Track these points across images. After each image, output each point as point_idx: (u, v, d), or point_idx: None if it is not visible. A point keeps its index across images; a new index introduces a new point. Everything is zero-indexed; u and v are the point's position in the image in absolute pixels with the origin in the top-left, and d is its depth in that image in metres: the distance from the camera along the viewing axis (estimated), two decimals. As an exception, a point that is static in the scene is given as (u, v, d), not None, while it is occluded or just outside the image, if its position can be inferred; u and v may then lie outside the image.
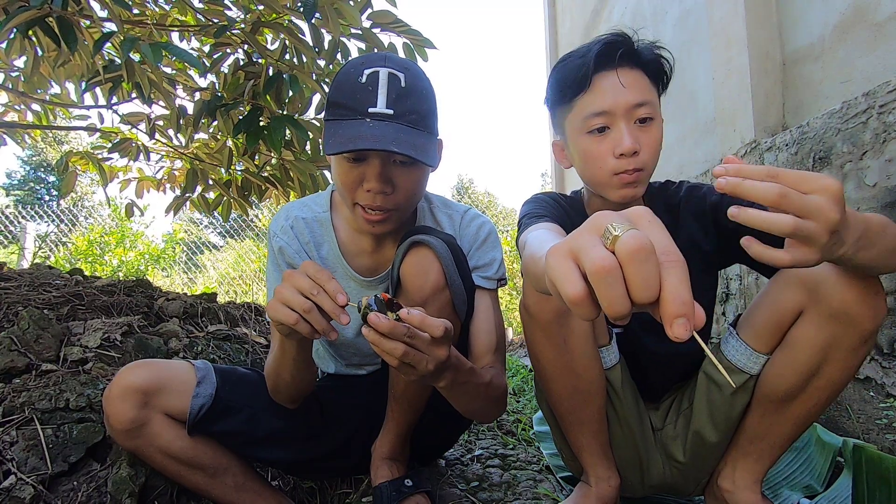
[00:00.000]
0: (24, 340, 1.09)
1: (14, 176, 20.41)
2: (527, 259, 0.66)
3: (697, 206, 0.99)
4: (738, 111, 2.07)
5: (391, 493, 0.98)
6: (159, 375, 0.87)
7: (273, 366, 0.92)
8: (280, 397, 0.96)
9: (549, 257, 0.40)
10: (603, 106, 0.90)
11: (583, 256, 0.37)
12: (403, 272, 0.87)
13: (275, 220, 1.06)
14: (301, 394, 0.97)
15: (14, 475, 0.83)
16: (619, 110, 0.90)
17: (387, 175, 0.87)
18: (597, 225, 0.39)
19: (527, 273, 0.67)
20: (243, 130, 1.72)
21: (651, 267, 0.34)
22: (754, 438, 0.92)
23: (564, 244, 0.40)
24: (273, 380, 0.94)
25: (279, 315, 0.71)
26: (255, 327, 1.81)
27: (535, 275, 0.58)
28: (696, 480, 1.02)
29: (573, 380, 0.91)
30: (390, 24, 1.75)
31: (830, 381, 0.83)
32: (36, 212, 6.70)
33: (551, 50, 5.84)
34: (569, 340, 0.88)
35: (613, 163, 0.91)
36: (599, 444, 0.98)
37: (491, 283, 1.01)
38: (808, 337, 0.81)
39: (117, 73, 1.61)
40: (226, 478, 0.93)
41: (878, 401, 1.44)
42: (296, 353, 0.85)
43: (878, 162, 1.40)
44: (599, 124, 0.91)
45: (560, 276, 0.38)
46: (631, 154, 0.90)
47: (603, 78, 0.91)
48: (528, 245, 0.69)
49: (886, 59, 1.51)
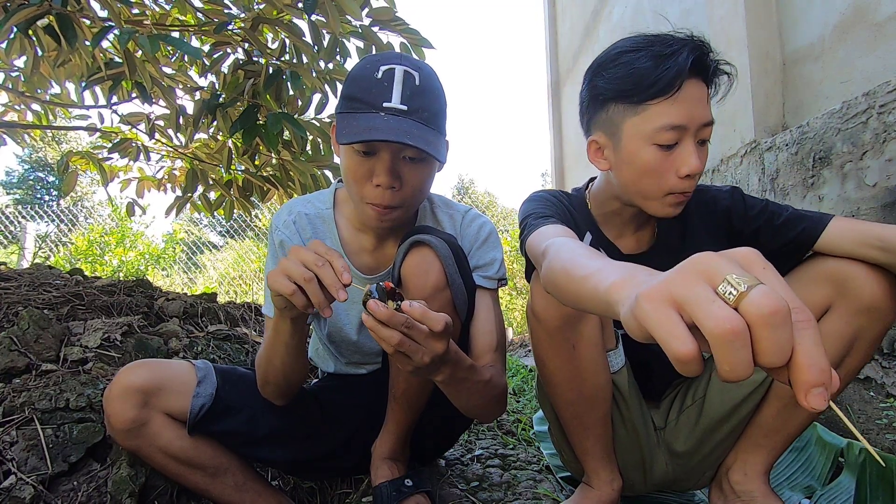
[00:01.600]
0: (24, 340, 1.09)
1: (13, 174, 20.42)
2: (558, 273, 0.60)
3: (707, 209, 0.98)
4: (738, 111, 2.07)
5: (391, 493, 0.98)
6: (159, 375, 0.87)
7: (264, 352, 0.91)
8: (269, 390, 0.95)
9: (643, 302, 0.36)
10: (682, 119, 0.82)
11: (698, 312, 0.33)
12: (404, 271, 0.87)
13: (277, 214, 1.06)
14: (290, 387, 0.95)
15: (14, 475, 0.83)
16: (693, 126, 0.83)
17: (396, 170, 0.87)
18: (705, 271, 0.34)
19: (558, 287, 0.61)
20: (240, 128, 1.72)
21: (787, 331, 0.31)
22: (770, 432, 0.92)
23: (663, 289, 0.35)
24: (263, 368, 0.92)
25: (277, 284, 0.71)
26: (255, 327, 1.81)
27: (579, 294, 0.53)
28: (699, 474, 1.02)
29: (580, 385, 0.90)
30: (389, 21, 1.75)
31: (849, 370, 0.85)
32: (36, 212, 6.70)
33: (551, 50, 5.84)
34: (578, 346, 0.87)
35: (674, 182, 0.85)
36: (603, 448, 0.97)
37: (491, 282, 1.01)
38: (836, 330, 0.82)
39: (118, 69, 1.61)
40: (226, 477, 0.93)
41: (878, 401, 1.44)
42: (289, 337, 0.84)
43: (878, 162, 1.40)
44: (673, 139, 0.83)
45: (664, 331, 0.34)
46: (695, 176, 0.85)
47: (691, 87, 0.82)
48: (554, 255, 0.65)
49: (886, 59, 1.51)
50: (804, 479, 1.16)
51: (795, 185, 1.73)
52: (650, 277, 0.40)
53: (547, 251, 0.69)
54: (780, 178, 1.81)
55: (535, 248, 0.79)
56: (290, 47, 1.87)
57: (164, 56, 2.14)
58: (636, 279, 0.43)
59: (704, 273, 0.34)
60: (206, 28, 1.80)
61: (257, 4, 1.79)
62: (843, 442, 1.17)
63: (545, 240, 0.75)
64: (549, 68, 5.84)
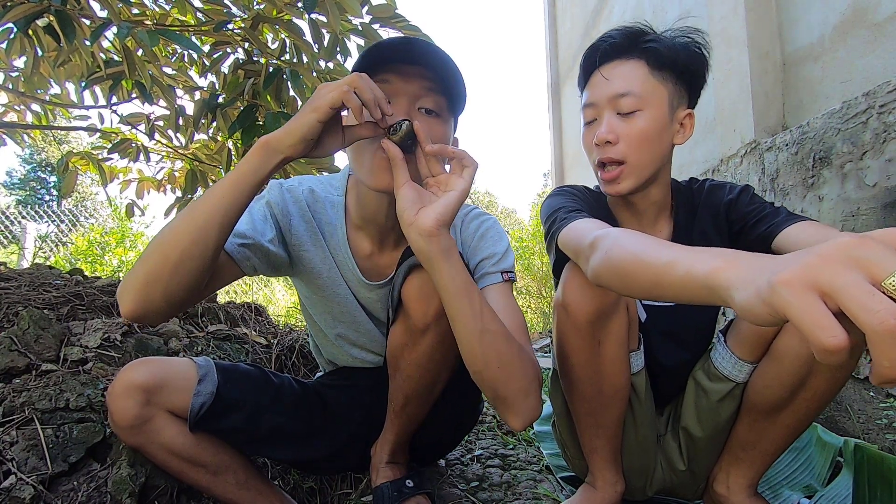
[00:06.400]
0: (24, 340, 1.09)
1: (14, 174, 20.42)
2: (627, 261, 0.59)
3: (715, 204, 0.98)
4: (738, 111, 2.07)
5: (392, 494, 0.98)
6: (162, 373, 0.87)
7: (198, 202, 0.73)
8: (162, 267, 0.71)
9: (781, 288, 0.34)
10: (590, 98, 0.93)
11: (853, 304, 0.31)
12: (406, 295, 0.85)
13: (286, 180, 1.01)
14: (174, 282, 0.71)
15: (14, 475, 0.83)
16: (602, 101, 0.91)
17: (411, 115, 0.82)
18: (856, 257, 0.33)
19: (626, 276, 0.60)
20: (239, 128, 1.72)
21: None
22: (745, 446, 0.92)
23: (805, 276, 0.34)
24: (181, 226, 0.71)
25: (328, 89, 0.71)
26: (255, 327, 1.81)
27: (659, 282, 0.53)
28: (694, 485, 1.02)
29: (600, 383, 0.89)
30: (390, 18, 1.75)
31: (817, 392, 0.81)
32: (36, 212, 6.71)
33: (551, 50, 5.84)
34: (604, 343, 0.86)
35: (595, 152, 0.92)
36: (612, 449, 0.97)
37: (494, 276, 0.94)
38: (792, 349, 0.80)
39: (118, 68, 1.61)
40: (227, 475, 0.93)
41: (878, 401, 1.44)
42: (262, 180, 0.73)
43: (878, 162, 1.40)
44: (589, 117, 0.94)
45: (809, 320, 0.32)
46: (603, 143, 0.90)
47: (597, 71, 0.93)
48: (614, 245, 0.64)
49: (886, 59, 1.51)
50: (804, 479, 1.16)
51: (795, 185, 1.72)
52: (773, 263, 0.39)
53: (599, 242, 0.68)
54: (780, 179, 1.81)
55: (573, 241, 0.78)
56: (290, 46, 1.87)
57: (164, 56, 2.14)
58: (749, 263, 0.41)
59: (856, 260, 0.33)
60: (206, 28, 1.80)
61: (257, 4, 1.79)
62: (842, 441, 1.17)
63: (587, 232, 0.74)
64: (549, 68, 5.84)
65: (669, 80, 0.91)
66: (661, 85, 0.90)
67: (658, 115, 0.90)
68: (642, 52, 0.90)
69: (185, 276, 0.72)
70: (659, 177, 0.95)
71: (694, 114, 0.95)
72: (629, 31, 0.92)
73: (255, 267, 0.90)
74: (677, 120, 0.93)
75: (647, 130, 0.89)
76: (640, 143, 0.89)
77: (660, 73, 0.90)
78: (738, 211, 0.94)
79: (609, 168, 0.91)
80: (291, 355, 1.63)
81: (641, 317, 0.98)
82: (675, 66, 0.90)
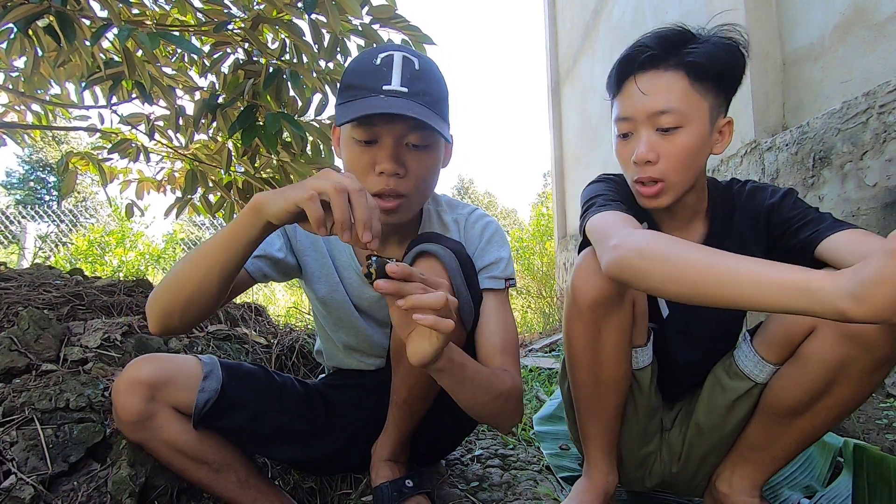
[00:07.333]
0: (24, 340, 1.09)
1: (14, 174, 20.42)
2: (677, 263, 0.63)
3: (755, 207, 0.95)
4: (738, 111, 2.07)
5: (392, 494, 0.98)
6: (166, 369, 0.87)
7: (202, 251, 0.77)
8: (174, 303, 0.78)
9: None
10: (626, 112, 0.89)
11: None
12: None
13: None
14: (188, 312, 0.79)
15: (14, 475, 0.83)
16: (640, 117, 0.87)
17: (399, 157, 0.85)
18: None
19: (670, 281, 0.63)
20: (239, 128, 1.72)
21: None
22: (755, 447, 0.91)
23: None
24: (182, 275, 0.77)
25: (302, 189, 0.64)
26: (255, 327, 1.81)
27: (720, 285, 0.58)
28: (693, 482, 1.02)
29: (598, 371, 0.90)
30: (390, 18, 1.75)
31: (839, 401, 0.80)
32: (36, 212, 6.71)
33: (551, 50, 5.84)
34: (604, 332, 0.86)
35: (633, 169, 0.90)
36: (607, 440, 0.97)
37: (497, 282, 0.97)
38: (819, 354, 0.78)
39: (118, 69, 1.62)
40: (229, 473, 0.93)
41: (878, 401, 1.44)
42: (252, 240, 0.73)
43: (878, 162, 1.40)
44: (624, 130, 0.91)
45: None
46: (643, 163, 0.87)
47: (630, 83, 0.89)
48: (656, 246, 0.66)
49: (886, 59, 1.51)
50: (804, 479, 1.16)
51: (795, 185, 1.72)
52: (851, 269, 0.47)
53: (628, 242, 0.71)
54: (780, 178, 1.81)
55: (599, 231, 0.79)
56: (290, 47, 1.87)
57: (164, 56, 2.14)
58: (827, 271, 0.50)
59: None
60: (206, 28, 1.81)
61: (257, 4, 1.79)
62: (842, 441, 1.17)
63: (613, 226, 0.76)
64: (549, 68, 5.83)
65: (710, 92, 0.87)
66: (702, 98, 0.87)
67: (700, 130, 0.87)
68: (682, 63, 0.86)
69: (197, 308, 0.79)
70: (696, 184, 0.94)
71: (733, 120, 0.93)
72: (666, 37, 0.88)
73: (267, 275, 0.95)
74: (717, 129, 0.91)
75: (690, 147, 0.86)
76: (678, 162, 0.87)
77: (700, 84, 0.86)
78: (781, 215, 0.91)
79: (649, 184, 0.89)
80: (291, 355, 1.63)
81: (664, 312, 0.98)
82: (715, 75, 0.87)
